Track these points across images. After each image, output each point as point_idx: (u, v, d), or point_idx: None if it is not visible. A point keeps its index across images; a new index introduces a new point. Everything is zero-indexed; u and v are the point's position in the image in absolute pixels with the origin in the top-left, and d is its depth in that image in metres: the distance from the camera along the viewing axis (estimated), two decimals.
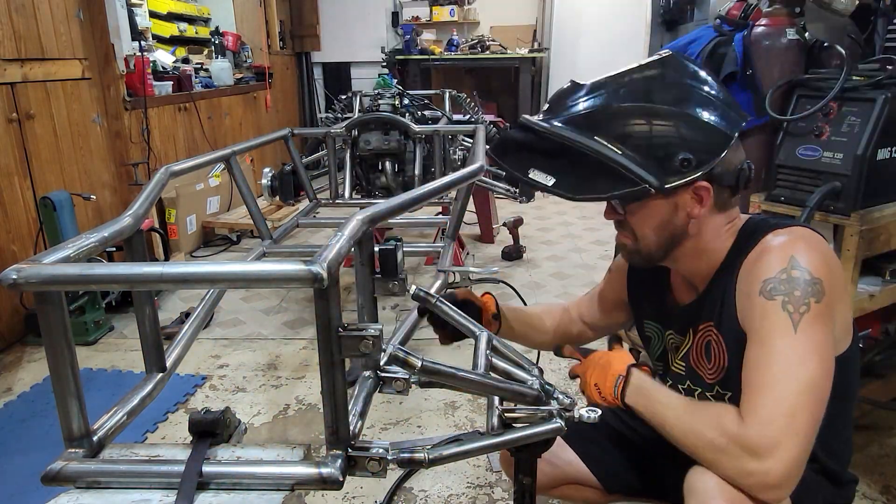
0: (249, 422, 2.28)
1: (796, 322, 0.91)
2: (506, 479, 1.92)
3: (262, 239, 2.46)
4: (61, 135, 3.23)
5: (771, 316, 0.93)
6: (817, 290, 0.92)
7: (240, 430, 0.96)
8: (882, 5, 1.94)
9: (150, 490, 0.83)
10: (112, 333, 3.02)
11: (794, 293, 0.92)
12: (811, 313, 0.91)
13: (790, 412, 0.87)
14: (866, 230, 1.68)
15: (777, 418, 0.87)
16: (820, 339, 0.91)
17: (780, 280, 0.94)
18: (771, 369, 0.91)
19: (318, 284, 0.75)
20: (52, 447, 0.86)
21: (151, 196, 1.37)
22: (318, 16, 6.57)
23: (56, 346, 0.83)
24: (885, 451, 2.00)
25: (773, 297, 0.93)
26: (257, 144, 2.74)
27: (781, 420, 0.87)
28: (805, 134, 1.82)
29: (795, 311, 0.91)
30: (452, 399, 2.35)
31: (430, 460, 0.90)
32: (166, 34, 4.79)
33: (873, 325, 1.96)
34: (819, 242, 0.99)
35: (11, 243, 2.90)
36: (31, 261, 0.81)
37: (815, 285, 0.93)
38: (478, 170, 1.77)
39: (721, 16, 2.12)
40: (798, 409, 0.88)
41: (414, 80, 6.23)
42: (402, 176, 3.15)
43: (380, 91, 3.55)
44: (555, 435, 0.99)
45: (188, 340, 1.34)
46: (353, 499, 1.87)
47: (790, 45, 1.95)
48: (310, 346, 2.87)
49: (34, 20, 3.03)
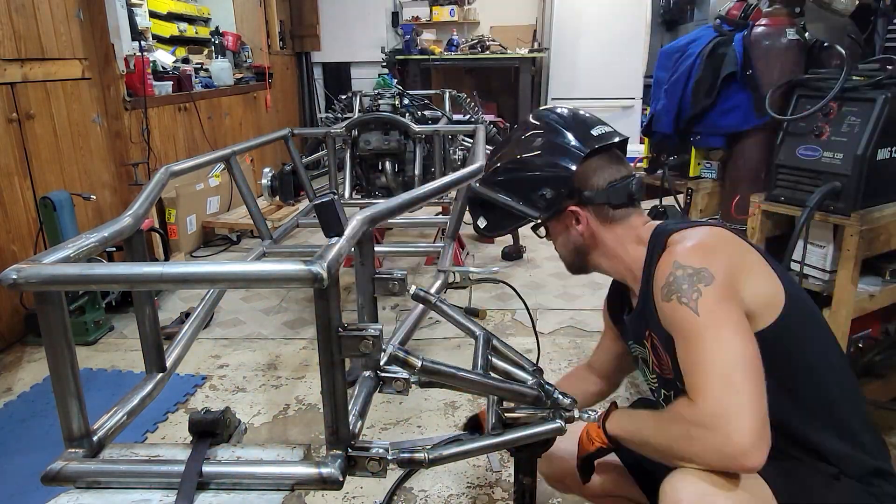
0: (249, 422, 2.28)
1: (695, 308, 1.01)
2: (506, 479, 1.92)
3: (262, 239, 2.46)
4: (61, 135, 3.22)
5: (675, 314, 1.04)
6: (703, 277, 1.02)
7: (240, 430, 0.96)
8: (882, 5, 1.94)
9: (150, 490, 0.83)
10: (112, 333, 3.02)
11: (683, 287, 1.03)
12: (704, 297, 1.01)
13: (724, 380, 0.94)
14: (866, 230, 1.68)
15: (715, 389, 0.94)
16: (724, 314, 1.00)
17: (669, 284, 1.05)
18: (695, 354, 0.99)
19: (318, 284, 0.75)
20: (52, 447, 0.86)
21: (151, 196, 1.37)
22: (318, 16, 6.56)
23: (56, 346, 0.83)
24: None
25: (670, 299, 1.05)
26: (257, 144, 2.74)
27: (719, 389, 0.93)
28: (805, 134, 1.82)
29: (690, 300, 1.02)
30: (452, 399, 2.34)
31: (430, 460, 0.91)
32: (166, 34, 4.79)
33: (873, 325, 1.96)
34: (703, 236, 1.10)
35: (11, 243, 2.90)
36: (31, 261, 0.81)
37: (698, 274, 1.03)
38: (478, 170, 1.77)
39: (721, 16, 2.12)
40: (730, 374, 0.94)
41: (414, 80, 6.23)
42: (402, 176, 3.15)
43: (380, 91, 3.55)
44: (554, 435, 0.99)
45: (188, 340, 1.34)
46: (353, 499, 1.87)
47: (790, 45, 1.95)
48: (310, 346, 2.87)
49: (34, 20, 3.03)
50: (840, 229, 1.73)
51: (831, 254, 1.81)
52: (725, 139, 2.14)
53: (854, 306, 1.74)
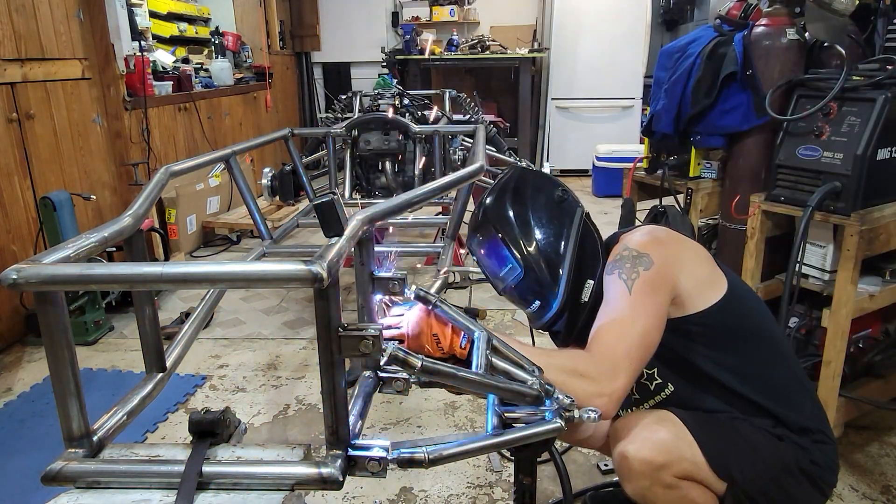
0: (249, 422, 2.28)
1: (630, 286, 1.19)
2: (506, 479, 1.92)
3: (262, 239, 2.46)
4: (61, 135, 3.22)
5: (612, 284, 1.22)
6: (644, 262, 1.21)
7: (240, 430, 0.96)
8: (882, 5, 1.94)
9: (150, 490, 0.83)
10: (112, 333, 3.02)
11: (626, 266, 1.21)
12: (641, 279, 1.19)
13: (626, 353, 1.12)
14: (866, 230, 1.68)
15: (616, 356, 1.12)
16: (650, 299, 1.18)
17: (615, 261, 1.24)
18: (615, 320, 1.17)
19: (318, 284, 0.75)
20: (52, 447, 0.86)
21: (151, 196, 1.37)
22: (318, 16, 6.56)
23: (56, 346, 0.83)
24: (885, 450, 2.00)
25: (612, 273, 1.23)
26: (257, 144, 2.74)
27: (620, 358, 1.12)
28: (805, 134, 1.82)
29: (629, 279, 1.20)
30: (452, 399, 2.34)
31: (430, 460, 0.90)
32: (166, 34, 4.79)
33: (873, 325, 1.96)
34: (652, 230, 1.31)
35: (11, 243, 2.90)
36: (31, 261, 0.81)
37: (642, 258, 1.21)
38: (478, 170, 1.77)
39: (721, 16, 2.12)
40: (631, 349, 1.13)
41: (414, 80, 6.23)
42: (402, 176, 3.15)
43: (380, 91, 3.55)
44: (554, 435, 0.99)
45: (188, 340, 1.33)
46: (353, 499, 1.87)
47: (790, 45, 1.95)
48: (310, 346, 2.87)
49: (34, 20, 3.03)
50: (840, 229, 1.73)
51: (831, 254, 1.81)
52: (725, 139, 2.14)
53: (854, 306, 1.74)
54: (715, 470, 1.20)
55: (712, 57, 2.05)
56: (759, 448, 1.23)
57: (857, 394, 1.89)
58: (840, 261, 1.73)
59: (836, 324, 1.76)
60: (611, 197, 5.38)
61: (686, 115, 2.12)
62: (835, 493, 1.82)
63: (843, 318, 1.75)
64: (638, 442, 1.19)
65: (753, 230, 1.98)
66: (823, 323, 1.80)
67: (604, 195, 5.50)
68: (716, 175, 2.25)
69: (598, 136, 5.92)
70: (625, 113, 6.13)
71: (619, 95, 6.11)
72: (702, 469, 1.19)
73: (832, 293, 1.77)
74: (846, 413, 1.90)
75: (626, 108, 6.12)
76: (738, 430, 1.24)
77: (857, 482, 1.87)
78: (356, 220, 0.98)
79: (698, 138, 2.18)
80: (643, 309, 1.17)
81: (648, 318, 1.17)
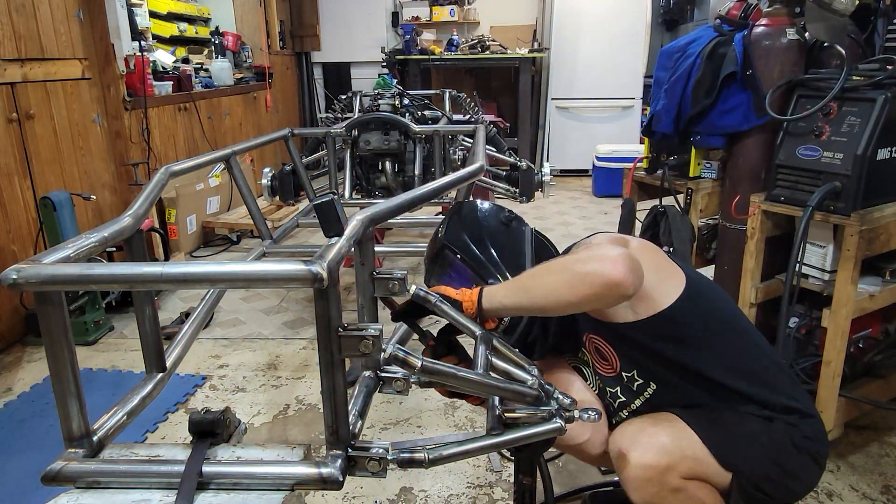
0: (249, 422, 2.28)
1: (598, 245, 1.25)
2: (506, 479, 1.92)
3: (262, 239, 2.46)
4: (61, 135, 3.22)
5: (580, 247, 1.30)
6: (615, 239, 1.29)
7: (240, 430, 0.96)
8: (882, 5, 1.94)
9: (150, 490, 0.83)
10: (112, 333, 3.02)
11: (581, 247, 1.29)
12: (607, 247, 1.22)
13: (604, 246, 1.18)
14: (866, 230, 1.68)
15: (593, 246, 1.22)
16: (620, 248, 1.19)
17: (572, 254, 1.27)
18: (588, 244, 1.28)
19: (318, 284, 0.75)
20: (52, 447, 0.86)
21: (151, 196, 1.37)
22: (318, 16, 6.56)
23: (56, 346, 0.83)
24: (885, 450, 2.00)
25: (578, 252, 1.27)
26: (257, 144, 2.74)
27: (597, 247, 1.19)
28: (805, 134, 1.82)
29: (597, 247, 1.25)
30: (452, 399, 2.34)
31: (430, 460, 0.91)
32: (166, 34, 4.79)
33: (873, 325, 1.96)
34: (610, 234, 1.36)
35: (11, 243, 2.90)
36: (31, 261, 0.81)
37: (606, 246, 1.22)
38: (478, 170, 1.77)
39: (721, 16, 2.12)
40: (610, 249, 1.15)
41: (414, 80, 6.23)
42: (402, 176, 3.15)
43: (380, 91, 3.55)
44: (555, 435, 0.99)
45: (188, 340, 1.34)
46: (353, 499, 1.87)
47: (790, 45, 1.95)
48: (310, 346, 2.87)
49: (34, 20, 3.03)
50: (840, 229, 1.73)
51: (831, 254, 1.81)
52: (725, 139, 2.14)
53: (854, 306, 1.74)
54: (720, 460, 1.20)
55: (712, 57, 2.04)
56: (754, 433, 1.23)
57: (857, 394, 1.89)
58: (840, 261, 1.73)
59: (836, 324, 1.76)
60: (611, 197, 5.39)
61: (686, 115, 2.12)
62: (835, 493, 1.82)
63: (843, 318, 1.75)
64: (639, 448, 1.19)
65: (753, 230, 1.98)
66: (823, 323, 1.80)
67: (604, 195, 5.51)
68: (716, 175, 2.25)
69: (598, 136, 5.93)
70: (625, 113, 6.13)
71: (619, 95, 6.11)
72: (705, 463, 1.19)
73: (832, 293, 1.77)
74: (846, 413, 1.90)
75: (626, 108, 6.12)
76: (730, 418, 1.25)
77: (857, 482, 1.87)
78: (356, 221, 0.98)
79: (698, 138, 2.18)
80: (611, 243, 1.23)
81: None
